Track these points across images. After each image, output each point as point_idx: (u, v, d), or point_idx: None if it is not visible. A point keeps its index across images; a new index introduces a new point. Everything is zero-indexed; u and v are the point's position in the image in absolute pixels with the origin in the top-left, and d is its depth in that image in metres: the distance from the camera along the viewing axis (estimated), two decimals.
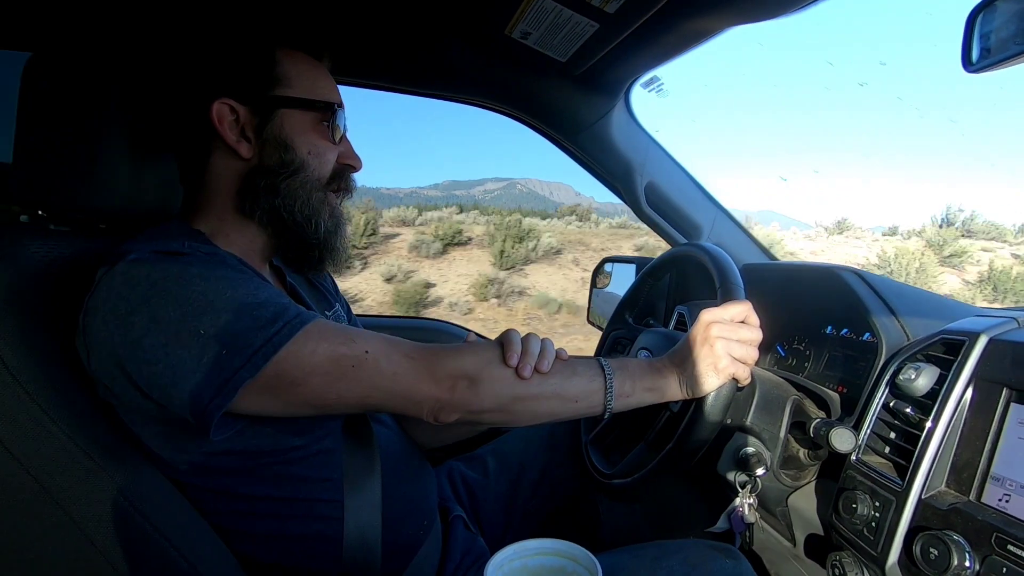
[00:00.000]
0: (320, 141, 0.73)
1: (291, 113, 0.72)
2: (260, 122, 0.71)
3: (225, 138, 0.70)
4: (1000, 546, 0.55)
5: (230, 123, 0.70)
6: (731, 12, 0.83)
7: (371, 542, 0.69)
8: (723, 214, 1.31)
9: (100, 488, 0.57)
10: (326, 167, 0.74)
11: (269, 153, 0.71)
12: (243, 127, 0.71)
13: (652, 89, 1.21)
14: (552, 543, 0.55)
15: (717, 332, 0.71)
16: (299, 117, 0.72)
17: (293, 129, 0.72)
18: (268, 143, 0.71)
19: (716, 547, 0.75)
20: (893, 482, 0.67)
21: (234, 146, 0.70)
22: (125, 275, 0.57)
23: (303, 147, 0.72)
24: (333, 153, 0.75)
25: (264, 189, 0.71)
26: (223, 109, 0.69)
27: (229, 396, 0.55)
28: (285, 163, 0.71)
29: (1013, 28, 0.58)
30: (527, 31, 0.96)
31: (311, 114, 0.73)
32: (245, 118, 0.70)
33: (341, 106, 0.76)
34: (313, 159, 0.73)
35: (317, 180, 0.74)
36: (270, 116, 0.71)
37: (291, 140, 0.72)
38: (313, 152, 0.73)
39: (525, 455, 1.04)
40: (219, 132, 0.69)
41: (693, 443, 0.73)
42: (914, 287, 0.89)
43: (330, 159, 0.75)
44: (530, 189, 12.24)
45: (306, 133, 0.73)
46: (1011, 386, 0.61)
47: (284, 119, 0.71)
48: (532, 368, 0.65)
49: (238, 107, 0.70)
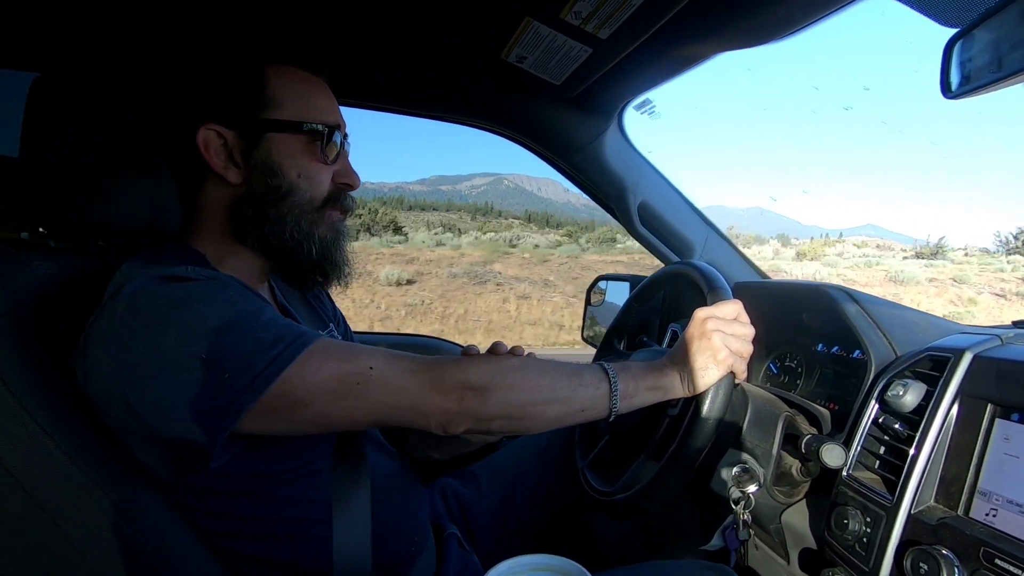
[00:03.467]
0: (311, 163, 0.71)
1: (280, 136, 0.70)
2: (247, 147, 0.69)
3: (212, 165, 0.69)
4: (988, 560, 0.56)
5: (217, 149, 0.69)
6: (720, 38, 0.86)
7: (360, 561, 0.68)
8: (715, 233, 1.33)
9: (94, 506, 0.57)
10: (319, 189, 0.72)
11: (257, 179, 0.70)
12: (231, 152, 0.69)
13: (645, 111, 1.24)
14: (546, 559, 0.54)
15: (713, 326, 0.73)
16: (288, 140, 0.70)
17: (281, 153, 0.70)
18: (255, 168, 0.70)
19: (710, 567, 0.75)
20: (883, 497, 0.67)
21: (221, 172, 0.69)
22: (129, 301, 0.57)
23: (292, 171, 0.70)
24: (327, 174, 0.73)
25: (253, 216, 0.70)
26: (210, 135, 0.69)
27: (232, 420, 0.55)
28: (272, 188, 0.70)
29: (988, 56, 0.61)
30: (523, 55, 0.98)
31: (301, 136, 0.71)
32: (233, 143, 0.69)
33: (338, 125, 0.74)
34: (303, 182, 0.71)
35: (308, 203, 0.72)
36: (258, 140, 0.69)
37: (279, 164, 0.70)
38: (304, 175, 0.71)
39: (518, 471, 1.04)
40: (205, 159, 0.69)
41: (695, 444, 0.73)
42: (901, 305, 0.90)
43: (322, 180, 0.73)
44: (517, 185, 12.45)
45: (295, 156, 0.70)
46: (995, 402, 0.63)
47: (273, 143, 0.70)
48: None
49: (225, 132, 0.69)
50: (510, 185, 49.13)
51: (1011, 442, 0.60)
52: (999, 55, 0.60)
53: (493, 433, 0.68)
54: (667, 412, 0.84)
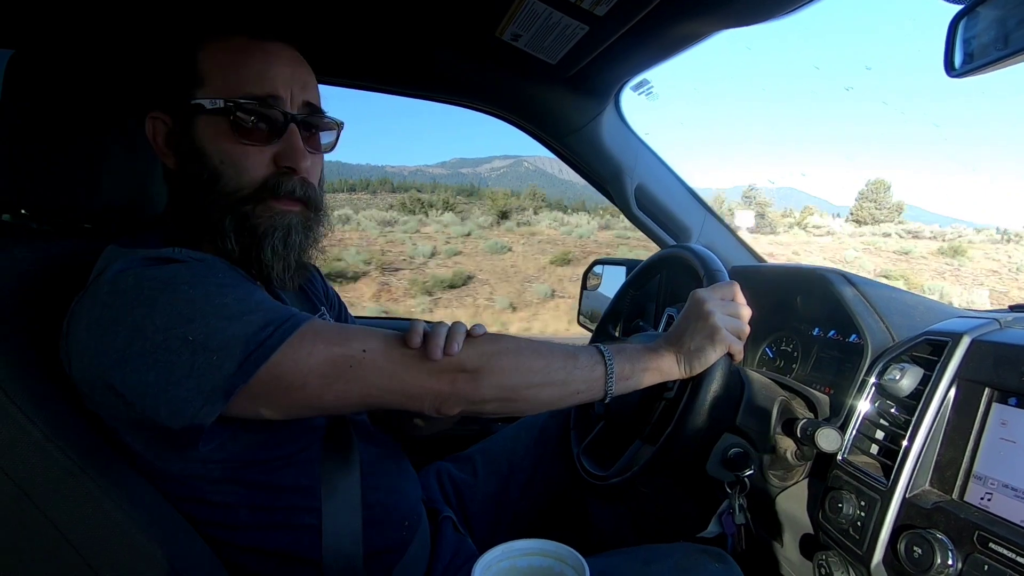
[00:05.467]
0: (234, 145, 0.65)
1: (204, 118, 0.65)
2: (180, 132, 0.66)
3: (157, 151, 0.68)
4: (982, 544, 0.56)
5: (162, 135, 0.68)
6: (719, 16, 0.84)
7: (351, 546, 0.68)
8: (712, 216, 1.32)
9: (80, 491, 0.56)
10: (248, 175, 0.66)
11: (184, 166, 0.67)
12: (168, 138, 0.68)
13: (642, 92, 1.22)
14: (540, 543, 0.54)
15: (710, 307, 0.73)
16: (210, 121, 0.65)
17: (204, 135, 0.65)
18: (183, 155, 0.67)
19: (706, 551, 0.76)
20: (878, 481, 0.67)
21: (163, 160, 0.69)
22: (112, 283, 0.56)
23: (215, 156, 0.65)
24: (259, 157, 0.66)
25: (190, 205, 0.67)
26: (156, 122, 0.67)
27: (220, 404, 0.54)
28: (194, 175, 0.66)
29: (994, 33, 0.59)
30: (517, 33, 0.96)
31: (223, 116, 0.64)
32: (172, 128, 0.67)
33: (271, 95, 0.66)
34: (226, 168, 0.65)
35: (236, 191, 0.65)
36: (190, 124, 0.65)
37: (201, 148, 0.65)
38: (226, 160, 0.65)
39: (514, 455, 1.04)
40: (153, 146, 0.68)
41: (691, 427, 0.73)
42: (899, 289, 0.90)
43: (252, 165, 0.66)
44: (537, 167, 12.12)
45: (218, 138, 0.65)
46: (993, 386, 0.62)
47: (199, 125, 0.65)
48: (441, 349, 0.60)
49: (165, 118, 0.67)
50: (530, 167, 48.47)
51: (1008, 426, 0.60)
52: (1005, 32, 0.59)
53: (487, 415, 0.67)
54: (663, 395, 0.83)
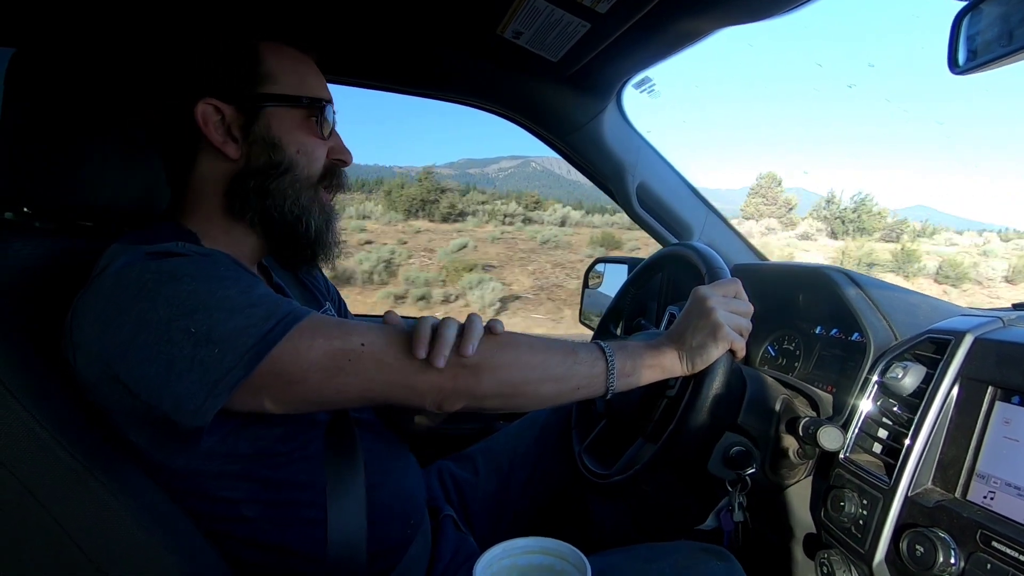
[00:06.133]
0: (309, 138, 0.72)
1: (278, 111, 0.71)
2: (247, 121, 0.70)
3: (211, 139, 0.69)
4: (985, 543, 0.55)
5: (215, 123, 0.69)
6: (721, 13, 0.84)
7: (355, 544, 0.68)
8: (714, 214, 1.32)
9: (84, 488, 0.57)
10: (316, 164, 0.73)
11: (257, 153, 0.70)
12: (229, 127, 0.69)
13: (644, 90, 1.21)
14: (541, 541, 0.54)
15: (712, 303, 0.73)
16: (286, 115, 0.71)
17: (281, 127, 0.71)
18: (256, 143, 0.70)
19: (708, 549, 0.75)
20: (880, 480, 0.67)
21: (221, 147, 0.69)
22: (115, 277, 0.56)
23: (292, 145, 0.71)
24: (323, 150, 0.74)
25: (253, 190, 0.70)
26: (208, 109, 0.68)
27: (222, 396, 0.54)
28: (274, 163, 0.70)
29: (998, 30, 0.59)
30: (519, 31, 0.96)
31: (299, 111, 0.72)
32: (231, 118, 0.69)
33: (330, 101, 0.75)
34: (302, 157, 0.72)
35: (307, 178, 0.73)
36: (257, 115, 0.70)
37: (279, 139, 0.70)
38: (302, 150, 0.72)
39: (515, 454, 1.04)
40: (204, 133, 0.68)
41: (692, 425, 0.72)
42: (902, 287, 0.89)
43: (320, 156, 0.74)
44: (545, 167, 11.90)
45: (294, 131, 0.71)
46: (996, 384, 0.62)
47: (271, 117, 0.70)
48: (445, 356, 0.59)
49: (223, 107, 0.69)
50: (537, 167, 48.07)
51: (1011, 425, 0.60)
52: (1009, 28, 0.58)
53: (488, 411, 0.67)
54: (665, 393, 0.83)
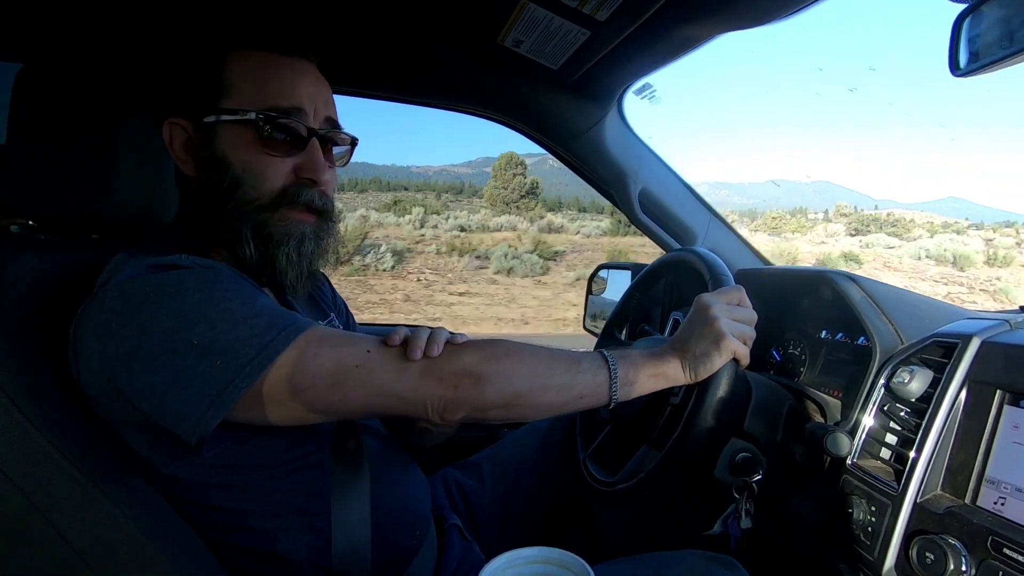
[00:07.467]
0: (258, 155, 0.67)
1: (228, 126, 0.67)
2: (201, 139, 0.67)
3: (175, 158, 0.69)
4: (996, 549, 0.55)
5: (180, 142, 0.68)
6: (720, 19, 0.84)
7: (360, 554, 0.68)
8: (717, 219, 1.32)
9: (90, 501, 0.57)
10: (268, 184, 0.67)
11: (206, 173, 0.68)
12: (188, 144, 0.69)
13: (645, 96, 1.22)
14: (546, 551, 0.54)
15: (715, 311, 0.72)
16: (235, 130, 0.67)
17: (228, 144, 0.67)
18: (205, 162, 0.68)
19: (714, 558, 0.74)
20: (889, 486, 0.66)
21: (181, 166, 0.69)
22: (119, 289, 0.57)
23: (237, 164, 0.67)
24: (280, 167, 0.68)
25: (211, 211, 0.68)
26: (174, 128, 0.68)
27: (225, 407, 0.54)
28: (215, 183, 0.67)
29: (998, 32, 0.59)
30: (519, 39, 0.96)
31: (248, 125, 0.66)
32: (191, 135, 0.68)
33: (296, 108, 0.68)
34: (248, 177, 0.67)
35: (253, 200, 0.67)
36: (212, 132, 0.67)
37: (224, 157, 0.67)
38: (248, 169, 0.67)
39: (520, 462, 1.03)
40: (171, 152, 0.69)
41: (697, 433, 0.72)
42: (908, 291, 0.89)
43: (272, 175, 0.68)
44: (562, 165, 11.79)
45: (242, 147, 0.67)
46: (1004, 388, 0.61)
47: (223, 134, 0.67)
48: (420, 350, 0.61)
49: (185, 124, 0.68)
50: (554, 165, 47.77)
51: (1020, 429, 0.59)
52: (1010, 30, 0.58)
53: (491, 420, 0.67)
54: (669, 400, 0.83)
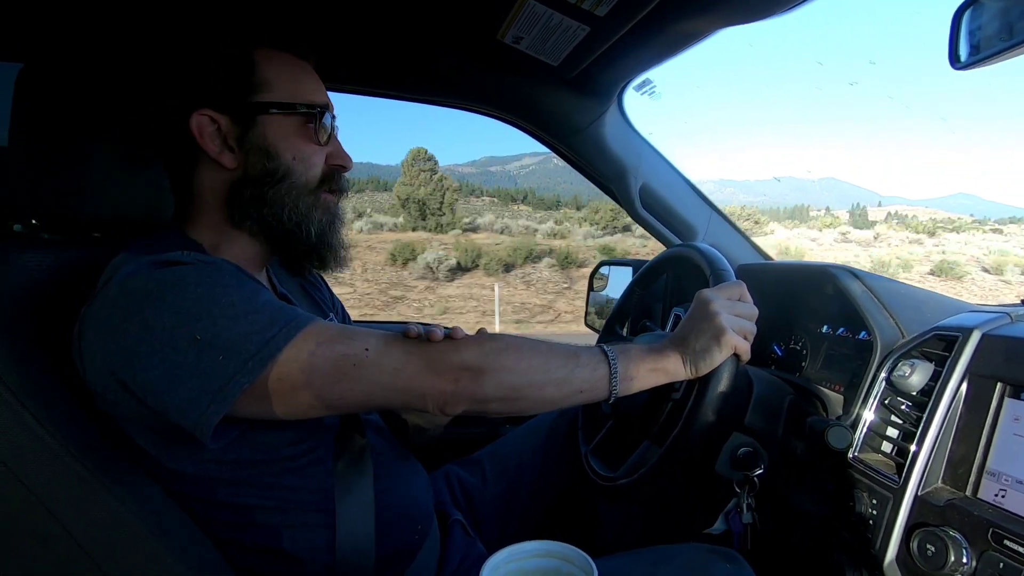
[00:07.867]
0: (305, 145, 0.72)
1: (273, 119, 0.71)
2: (242, 131, 0.70)
3: (207, 150, 0.69)
4: (997, 541, 0.55)
5: (211, 134, 0.69)
6: (720, 14, 0.84)
7: (364, 550, 0.68)
8: (718, 215, 1.32)
9: (95, 497, 0.57)
10: (313, 171, 0.73)
11: (253, 162, 0.70)
12: (225, 137, 0.70)
13: (645, 92, 1.22)
14: (548, 545, 0.54)
15: (716, 307, 0.72)
16: (282, 122, 0.71)
17: (276, 135, 0.71)
18: (251, 152, 0.70)
19: (716, 551, 0.75)
20: (890, 479, 0.66)
21: (217, 158, 0.69)
22: (121, 286, 0.57)
23: (287, 153, 0.71)
24: (320, 155, 0.74)
25: (251, 199, 0.70)
26: (203, 120, 0.69)
27: (226, 402, 0.55)
28: (270, 171, 0.70)
29: (998, 24, 0.59)
30: (519, 35, 0.96)
31: (294, 118, 0.72)
32: (226, 128, 0.69)
33: (327, 106, 0.74)
34: (299, 164, 0.72)
35: (304, 185, 0.72)
36: (252, 124, 0.70)
37: (274, 147, 0.70)
38: (298, 157, 0.72)
39: (522, 458, 1.04)
40: (200, 145, 0.69)
41: (698, 428, 0.72)
42: (909, 285, 0.89)
43: (317, 162, 0.74)
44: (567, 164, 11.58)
45: (290, 138, 0.71)
46: (1005, 381, 0.61)
47: (266, 125, 0.70)
48: (421, 344, 0.63)
49: (218, 117, 0.69)
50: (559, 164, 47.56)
51: (1020, 422, 0.59)
52: (1009, 22, 0.58)
53: (491, 414, 0.67)
54: (670, 396, 0.83)
